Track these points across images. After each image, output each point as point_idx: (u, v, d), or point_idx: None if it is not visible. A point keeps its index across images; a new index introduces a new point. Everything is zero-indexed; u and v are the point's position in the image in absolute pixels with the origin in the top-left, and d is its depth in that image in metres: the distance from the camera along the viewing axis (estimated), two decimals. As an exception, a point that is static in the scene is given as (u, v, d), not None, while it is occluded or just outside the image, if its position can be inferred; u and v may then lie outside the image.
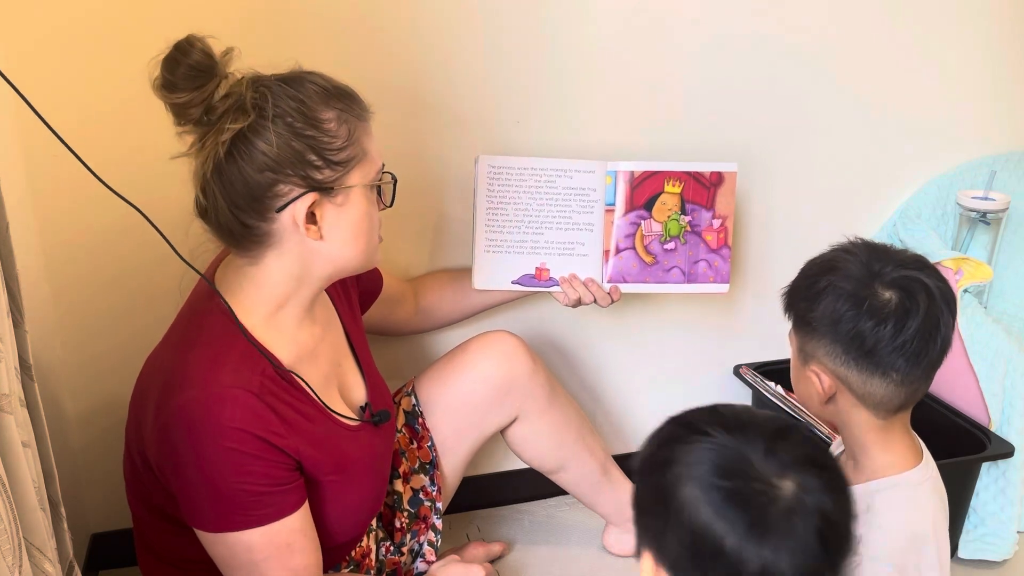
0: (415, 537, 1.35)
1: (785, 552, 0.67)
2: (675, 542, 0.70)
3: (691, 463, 0.70)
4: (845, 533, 0.70)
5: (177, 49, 0.96)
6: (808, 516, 0.68)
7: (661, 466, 0.72)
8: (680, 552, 0.70)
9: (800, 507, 0.68)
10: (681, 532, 0.69)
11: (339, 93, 1.04)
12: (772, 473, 0.68)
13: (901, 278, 0.95)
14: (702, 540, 0.68)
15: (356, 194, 1.04)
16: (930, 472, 1.03)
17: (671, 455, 0.72)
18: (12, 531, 0.71)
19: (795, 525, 0.67)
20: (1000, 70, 1.69)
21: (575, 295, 1.38)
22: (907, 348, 0.94)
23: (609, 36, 1.43)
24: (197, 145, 1.00)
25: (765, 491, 0.68)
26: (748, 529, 0.67)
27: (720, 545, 0.67)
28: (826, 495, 0.69)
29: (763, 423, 0.72)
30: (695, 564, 0.69)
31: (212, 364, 1.01)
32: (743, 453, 0.69)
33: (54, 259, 1.30)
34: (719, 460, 0.70)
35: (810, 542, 0.67)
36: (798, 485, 0.68)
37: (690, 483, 0.69)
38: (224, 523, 1.02)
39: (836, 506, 0.69)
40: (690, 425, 0.74)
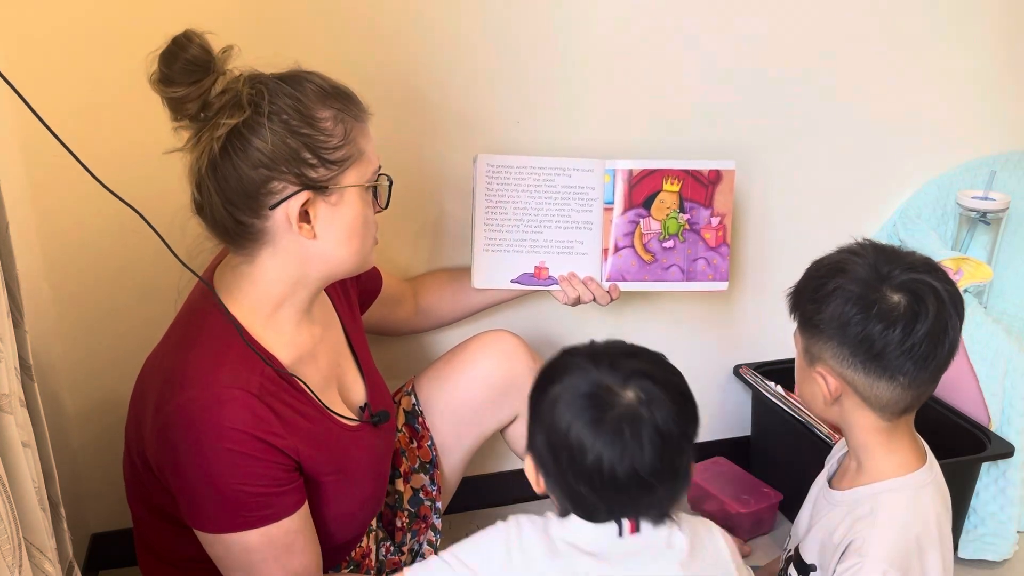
0: (415, 537, 1.36)
1: (618, 450, 0.81)
2: (539, 436, 0.87)
3: (557, 378, 0.86)
4: (678, 446, 0.83)
5: (175, 43, 0.96)
6: (642, 424, 0.82)
7: (539, 379, 0.89)
8: (542, 445, 0.86)
9: (635, 415, 0.82)
10: (542, 427, 0.86)
11: (337, 93, 1.04)
12: (614, 383, 0.83)
13: (909, 281, 0.95)
14: (555, 431, 0.84)
15: (351, 194, 1.04)
16: (934, 474, 1.03)
17: (546, 372, 0.89)
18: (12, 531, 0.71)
19: (626, 428, 0.81)
20: (1000, 70, 1.69)
21: (574, 294, 1.38)
22: (915, 352, 0.94)
23: (609, 36, 1.44)
24: (193, 140, 1.00)
25: (605, 398, 0.83)
26: (589, 424, 0.82)
27: (566, 435, 0.83)
28: (660, 406, 0.82)
29: (616, 345, 0.89)
30: (551, 455, 0.86)
31: (211, 364, 1.01)
32: (594, 368, 0.85)
33: (54, 259, 1.30)
34: (576, 374, 0.85)
35: (643, 447, 0.81)
36: (637, 396, 0.83)
37: (551, 392, 0.86)
38: (223, 524, 1.02)
39: (668, 416, 0.82)
40: (565, 351, 0.90)
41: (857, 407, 1.00)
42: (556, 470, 0.86)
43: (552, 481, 0.87)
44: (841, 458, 1.12)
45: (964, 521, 1.52)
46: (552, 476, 0.87)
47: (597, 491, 0.84)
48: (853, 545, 0.99)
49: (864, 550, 0.97)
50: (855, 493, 1.03)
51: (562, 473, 0.85)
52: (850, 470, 1.06)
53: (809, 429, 1.48)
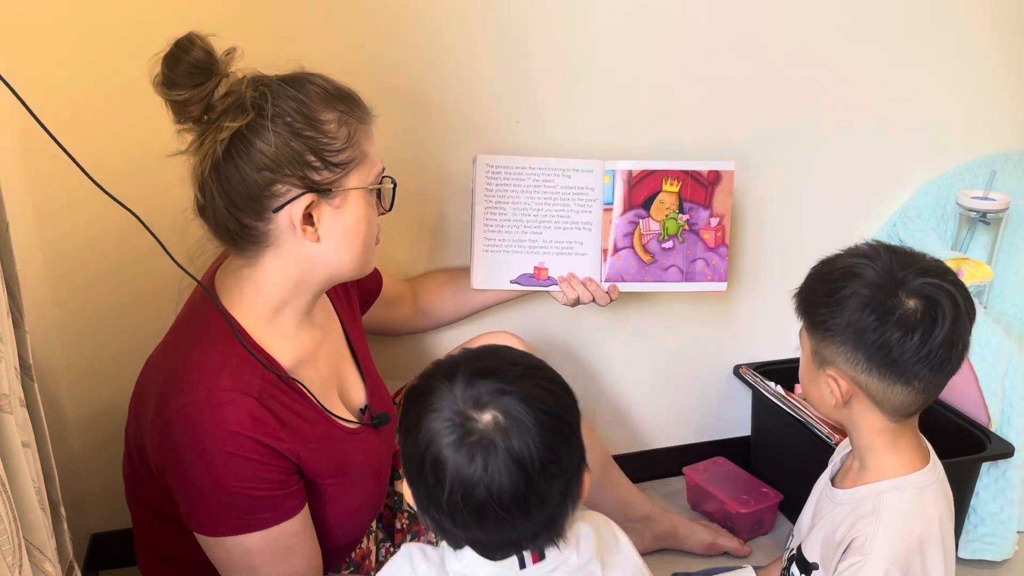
0: (415, 538, 1.35)
1: (473, 479, 0.76)
2: (404, 461, 0.82)
3: (418, 396, 0.81)
4: (533, 471, 0.76)
5: (178, 46, 0.96)
6: (495, 450, 0.75)
7: (405, 398, 0.85)
8: (407, 469, 0.82)
9: (489, 443, 0.76)
10: (405, 453, 0.81)
11: (341, 95, 1.04)
12: (471, 406, 0.77)
13: (924, 285, 0.94)
14: (414, 458, 0.79)
15: (354, 197, 1.04)
16: (937, 474, 1.03)
17: (411, 389, 0.84)
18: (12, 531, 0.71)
19: (478, 456, 0.75)
20: (1000, 70, 1.69)
21: (574, 294, 1.38)
22: (932, 358, 0.94)
23: (609, 36, 1.44)
24: (196, 143, 1.00)
25: (461, 424, 0.77)
26: (444, 448, 0.77)
27: (422, 460, 0.78)
28: (520, 431, 0.76)
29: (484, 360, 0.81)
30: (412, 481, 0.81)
31: (212, 367, 1.01)
32: (451, 389, 0.79)
33: (54, 259, 1.30)
34: (433, 395, 0.80)
35: (498, 474, 0.75)
36: (495, 421, 0.76)
37: (412, 412, 0.81)
38: (223, 527, 1.02)
39: (532, 443, 0.76)
40: (429, 368, 0.84)
41: (867, 409, 0.99)
42: (421, 501, 0.81)
43: (420, 511, 0.82)
44: (844, 457, 1.12)
45: (964, 521, 1.52)
46: (420, 507, 0.82)
47: (459, 525, 0.79)
48: (855, 543, 0.99)
49: (866, 548, 0.97)
50: (858, 492, 1.03)
51: (425, 504, 0.80)
52: (853, 469, 1.06)
53: (809, 429, 1.48)
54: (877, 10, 1.56)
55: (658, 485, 1.73)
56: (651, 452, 1.73)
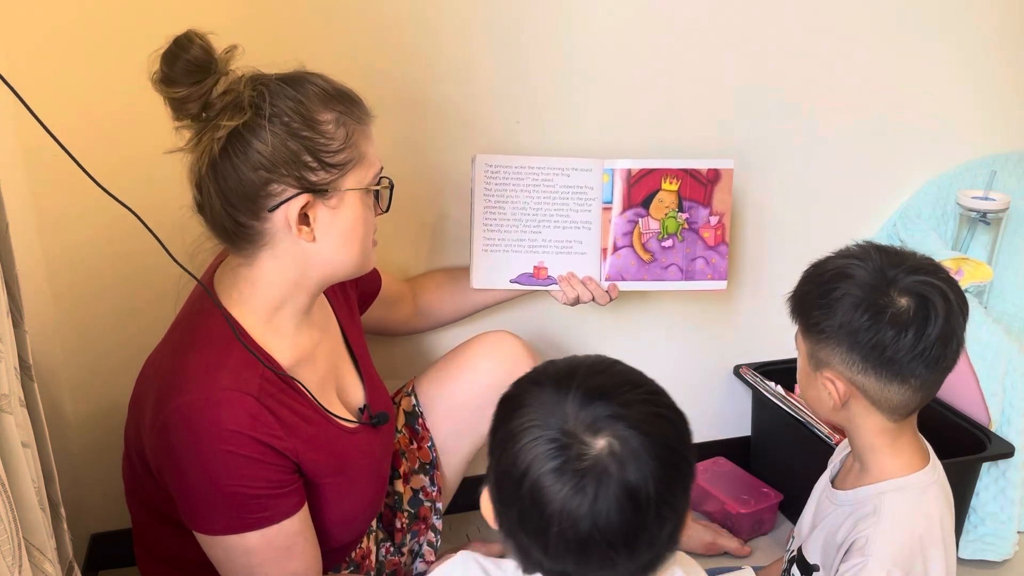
0: (415, 538, 1.35)
1: (578, 510, 0.68)
2: (494, 474, 0.74)
3: (521, 406, 0.73)
4: (648, 506, 0.68)
5: (176, 44, 0.96)
6: (607, 481, 0.67)
7: (503, 403, 0.76)
8: (495, 485, 0.74)
9: (601, 471, 0.68)
10: (497, 465, 0.73)
11: (340, 95, 1.03)
12: (584, 429, 0.69)
13: (916, 283, 0.94)
14: (511, 475, 0.70)
15: (351, 197, 1.04)
16: (938, 474, 1.03)
17: (511, 394, 0.76)
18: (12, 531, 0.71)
19: (588, 488, 0.67)
20: (1000, 70, 1.69)
21: (573, 293, 1.38)
22: (927, 355, 0.94)
23: (609, 36, 1.44)
24: (194, 141, 1.00)
25: (570, 446, 0.69)
26: (547, 474, 0.68)
27: (521, 483, 0.69)
28: (637, 464, 0.68)
29: (594, 374, 0.73)
30: (501, 498, 0.73)
31: (210, 366, 1.01)
32: (562, 405, 0.70)
33: (54, 260, 1.30)
34: (539, 408, 0.71)
35: (605, 510, 0.67)
36: (608, 447, 0.68)
37: (511, 423, 0.72)
38: (222, 526, 1.02)
39: (647, 479, 0.68)
40: (533, 372, 0.77)
41: (865, 410, 0.99)
42: (509, 521, 0.73)
43: (505, 531, 0.75)
44: (844, 458, 1.12)
45: (964, 521, 1.52)
46: (505, 526, 0.74)
47: (552, 557, 0.71)
48: (856, 544, 0.99)
49: (867, 549, 0.97)
50: (858, 493, 1.03)
51: (514, 525, 0.72)
52: (853, 470, 1.06)
53: (809, 429, 1.48)
54: (877, 10, 1.56)
55: (658, 485, 1.73)
56: (651, 452, 1.73)
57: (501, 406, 0.76)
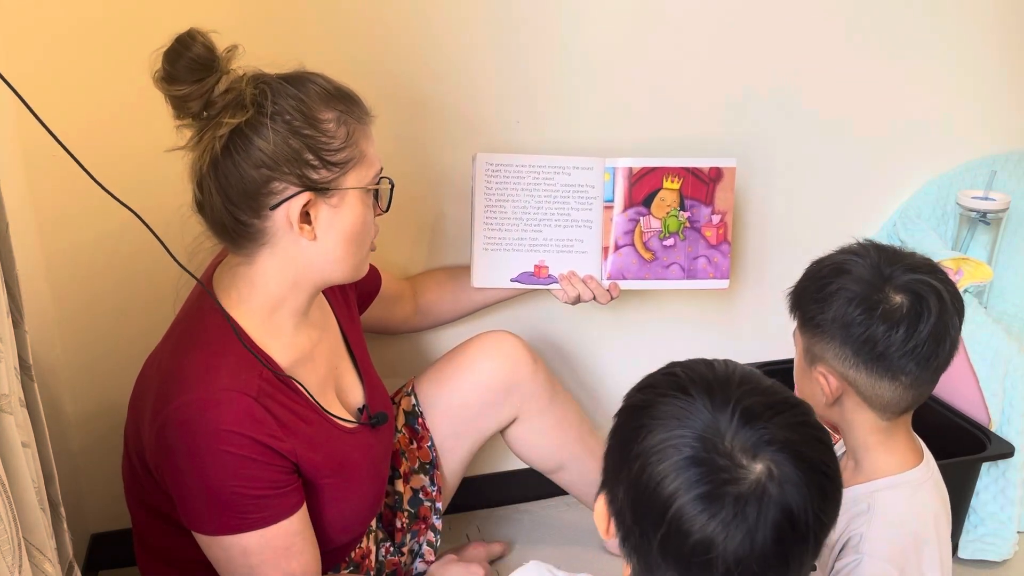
0: (415, 537, 1.35)
1: (732, 536, 0.63)
2: (622, 492, 0.68)
3: (660, 417, 0.67)
4: (807, 534, 0.65)
5: (179, 42, 0.96)
6: (767, 507, 0.63)
7: (633, 410, 0.71)
8: (625, 503, 0.68)
9: (761, 496, 0.63)
10: (629, 483, 0.67)
11: (340, 95, 1.04)
12: (742, 451, 0.64)
13: (912, 282, 0.95)
14: (647, 496, 0.65)
15: (352, 196, 1.04)
16: (931, 472, 1.04)
17: (644, 402, 0.70)
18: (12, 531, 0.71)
19: (749, 512, 0.63)
20: (1000, 70, 1.69)
21: (574, 292, 1.38)
22: (918, 352, 0.94)
23: (610, 34, 1.43)
24: (195, 139, 1.00)
25: (727, 468, 0.64)
26: (697, 500, 0.63)
27: (664, 508, 0.64)
28: (797, 490, 0.64)
29: (752, 392, 0.68)
30: (636, 520, 0.67)
31: (209, 366, 1.01)
32: (717, 421, 0.65)
33: (54, 260, 1.30)
34: (690, 422, 0.66)
35: (763, 535, 0.63)
36: (768, 472, 0.64)
37: (651, 438, 0.66)
38: (221, 526, 1.02)
39: (804, 504, 0.64)
40: (674, 378, 0.70)
41: (857, 407, 1.00)
42: (641, 541, 0.67)
43: (630, 548, 0.69)
44: (839, 457, 1.12)
45: (964, 521, 1.52)
46: (632, 544, 0.69)
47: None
48: (851, 542, 0.99)
49: (861, 547, 0.97)
50: (852, 491, 1.03)
51: (647, 547, 0.67)
52: (847, 469, 1.06)
53: (809, 429, 1.48)
54: (878, 10, 1.56)
55: (658, 484, 1.73)
56: (651, 451, 1.73)
57: (634, 413, 0.70)
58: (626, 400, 0.72)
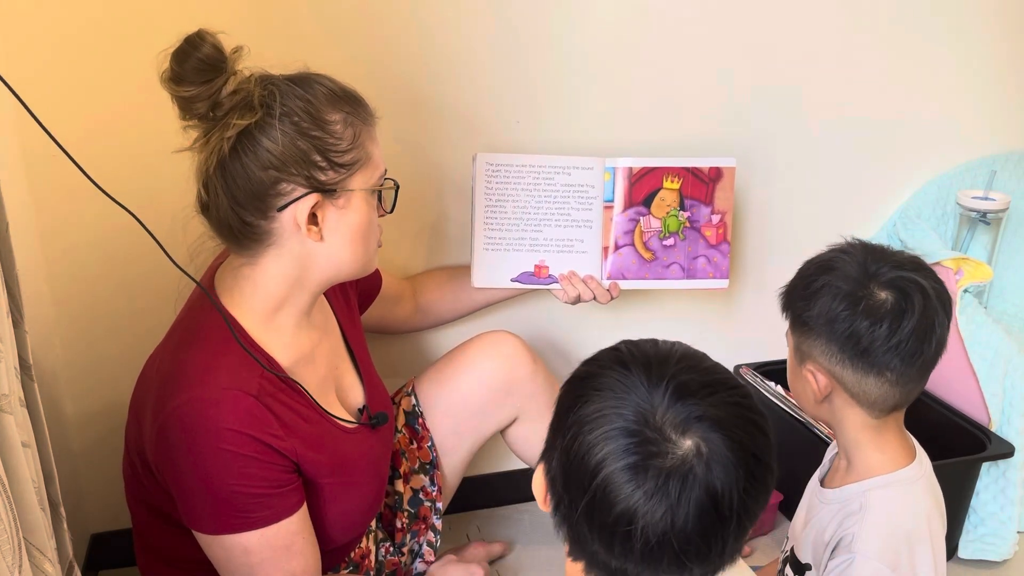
0: (415, 537, 1.35)
1: (654, 510, 0.64)
2: (556, 459, 0.69)
3: (597, 389, 0.68)
4: (729, 514, 0.65)
5: (188, 42, 0.96)
6: (691, 485, 0.64)
7: (574, 381, 0.71)
8: (557, 470, 0.69)
9: (686, 472, 0.64)
10: (562, 450, 0.68)
11: (346, 96, 1.04)
12: (671, 427, 0.65)
13: (897, 278, 0.95)
14: (577, 464, 0.66)
15: (357, 198, 1.04)
16: (924, 470, 1.04)
17: (586, 373, 0.71)
18: (12, 531, 0.71)
19: (672, 488, 0.63)
20: (1000, 70, 1.69)
21: (574, 292, 1.38)
22: (902, 348, 0.95)
23: (610, 34, 1.43)
24: (202, 140, 1.00)
25: (656, 442, 0.64)
26: (624, 469, 0.64)
27: (592, 475, 0.65)
28: (724, 469, 0.64)
29: (692, 369, 0.69)
30: (565, 487, 0.68)
31: (210, 366, 1.01)
32: (651, 396, 0.66)
33: (54, 260, 1.30)
34: (624, 396, 0.67)
35: (684, 512, 0.64)
36: (696, 449, 0.64)
37: (586, 406, 0.67)
38: (221, 525, 1.02)
39: (730, 484, 0.64)
40: (617, 353, 0.71)
41: (846, 404, 1.00)
42: (569, 511, 0.69)
43: (560, 517, 0.71)
44: (833, 457, 1.12)
45: (964, 521, 1.52)
46: (562, 513, 0.71)
47: (614, 554, 0.67)
48: (843, 542, 0.99)
49: (854, 547, 0.97)
50: (845, 491, 1.03)
51: (573, 515, 0.68)
52: (840, 468, 1.07)
53: (809, 429, 1.48)
54: (878, 10, 1.56)
55: (658, 484, 1.73)
56: (651, 451, 1.73)
57: (575, 384, 0.71)
58: (572, 373, 0.73)
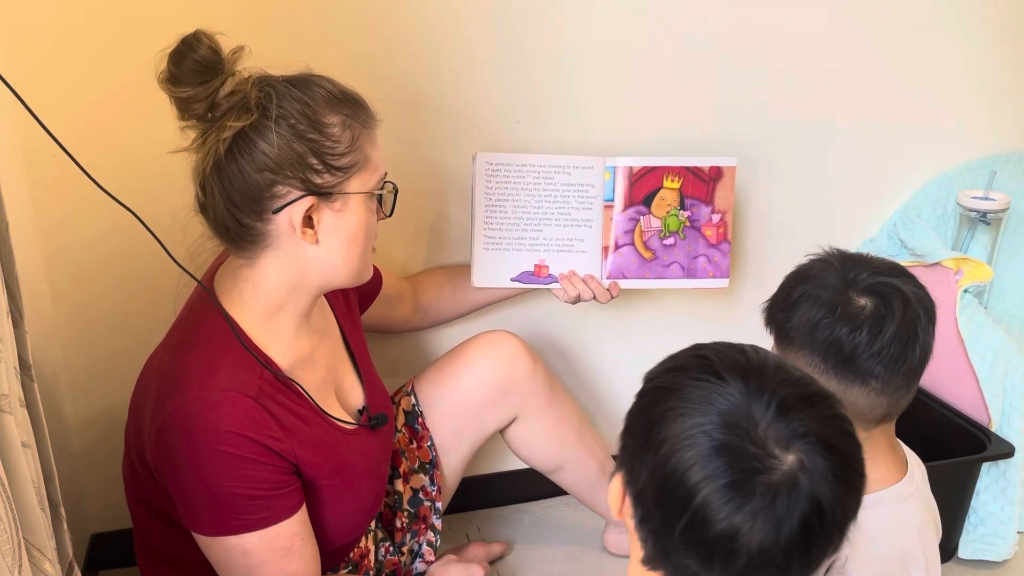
0: (415, 537, 1.35)
1: (759, 527, 0.62)
2: (645, 475, 0.67)
3: (690, 401, 0.66)
4: (833, 528, 0.65)
5: (184, 43, 0.96)
6: (798, 500, 0.63)
7: (659, 392, 0.69)
8: (647, 485, 0.67)
9: (792, 487, 0.63)
10: (654, 467, 0.66)
11: (346, 99, 1.03)
12: (775, 441, 0.63)
13: (876, 284, 0.94)
14: (672, 485, 0.64)
15: (355, 201, 1.04)
16: (916, 484, 1.01)
17: (674, 383, 0.68)
18: (12, 531, 0.71)
19: (778, 504, 0.62)
20: (1000, 70, 1.69)
21: (574, 292, 1.38)
22: (884, 354, 0.93)
23: (610, 35, 1.43)
24: (199, 141, 1.00)
25: (760, 458, 0.63)
26: (725, 489, 0.63)
27: (690, 496, 0.63)
28: (828, 484, 0.63)
29: (788, 383, 0.67)
30: (657, 504, 0.66)
31: (210, 367, 1.01)
32: (750, 409, 0.64)
33: (54, 260, 1.30)
34: (722, 408, 0.65)
35: (789, 526, 0.63)
36: (800, 463, 0.63)
37: (681, 422, 0.65)
38: (220, 527, 1.02)
39: (835, 498, 0.64)
40: (706, 361, 0.68)
41: None
42: (662, 525, 0.66)
43: (648, 531, 0.68)
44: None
45: (964, 521, 1.52)
46: (651, 527, 0.68)
47: (713, 571, 0.65)
48: (836, 564, 0.97)
49: (847, 568, 0.96)
50: None
51: (668, 531, 0.65)
52: None
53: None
54: (878, 9, 1.56)
55: (658, 484, 1.73)
56: (651, 451, 1.73)
57: (661, 394, 0.68)
58: (651, 380, 0.71)
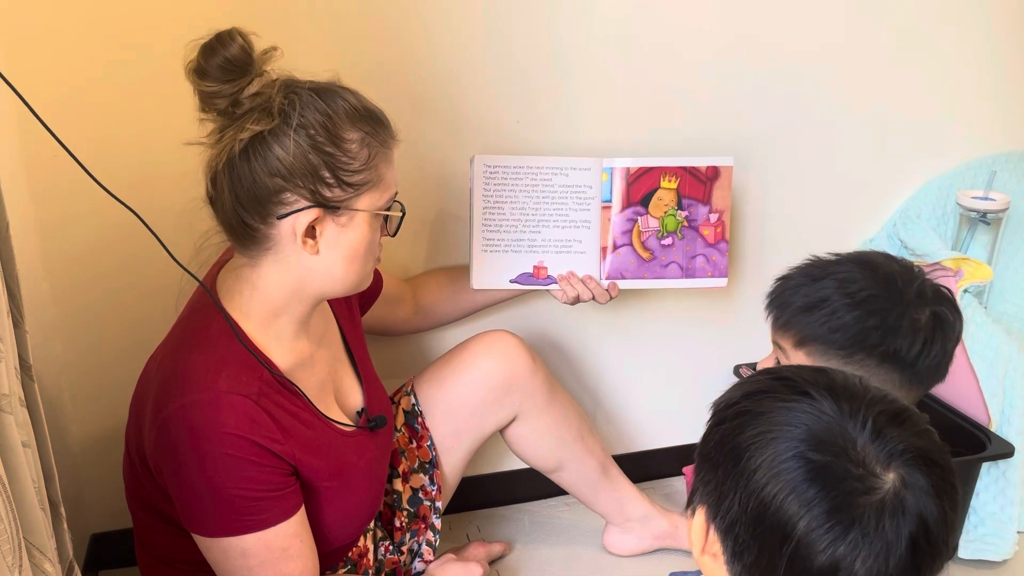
0: (414, 537, 1.35)
1: (865, 552, 0.59)
2: (737, 506, 0.62)
3: (781, 424, 0.62)
4: (940, 546, 0.62)
5: (217, 39, 0.96)
6: (904, 519, 0.60)
7: (743, 417, 0.64)
8: (739, 519, 0.62)
9: (898, 506, 0.60)
10: (747, 497, 0.61)
11: (369, 115, 1.03)
12: (875, 460, 0.60)
13: (830, 264, 1.00)
14: (769, 514, 0.60)
15: (361, 218, 1.03)
16: None
17: (758, 408, 0.64)
18: (12, 531, 0.71)
19: (885, 526, 0.59)
20: (1000, 70, 1.69)
21: (573, 292, 1.38)
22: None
23: (609, 36, 1.43)
24: (216, 135, 1.00)
25: (861, 478, 0.60)
26: (827, 515, 0.59)
27: (789, 525, 0.59)
28: (932, 499, 0.61)
29: (879, 400, 0.64)
30: (753, 537, 0.62)
31: (210, 368, 1.01)
32: (846, 428, 0.61)
33: (54, 259, 1.30)
34: (816, 429, 0.61)
35: (898, 548, 0.60)
36: (902, 481, 0.60)
37: (773, 446, 0.61)
38: (220, 527, 1.02)
39: (940, 514, 0.61)
40: (789, 381, 0.65)
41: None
42: (760, 559, 0.62)
43: (742, 566, 0.64)
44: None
45: (964, 521, 1.52)
46: (747, 565, 0.63)
47: None
48: None
49: None
50: None
51: (772, 565, 0.61)
52: None
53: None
54: (878, 9, 1.56)
55: (658, 485, 1.73)
56: (651, 452, 1.73)
57: (744, 421, 0.65)
58: (729, 407, 0.67)
